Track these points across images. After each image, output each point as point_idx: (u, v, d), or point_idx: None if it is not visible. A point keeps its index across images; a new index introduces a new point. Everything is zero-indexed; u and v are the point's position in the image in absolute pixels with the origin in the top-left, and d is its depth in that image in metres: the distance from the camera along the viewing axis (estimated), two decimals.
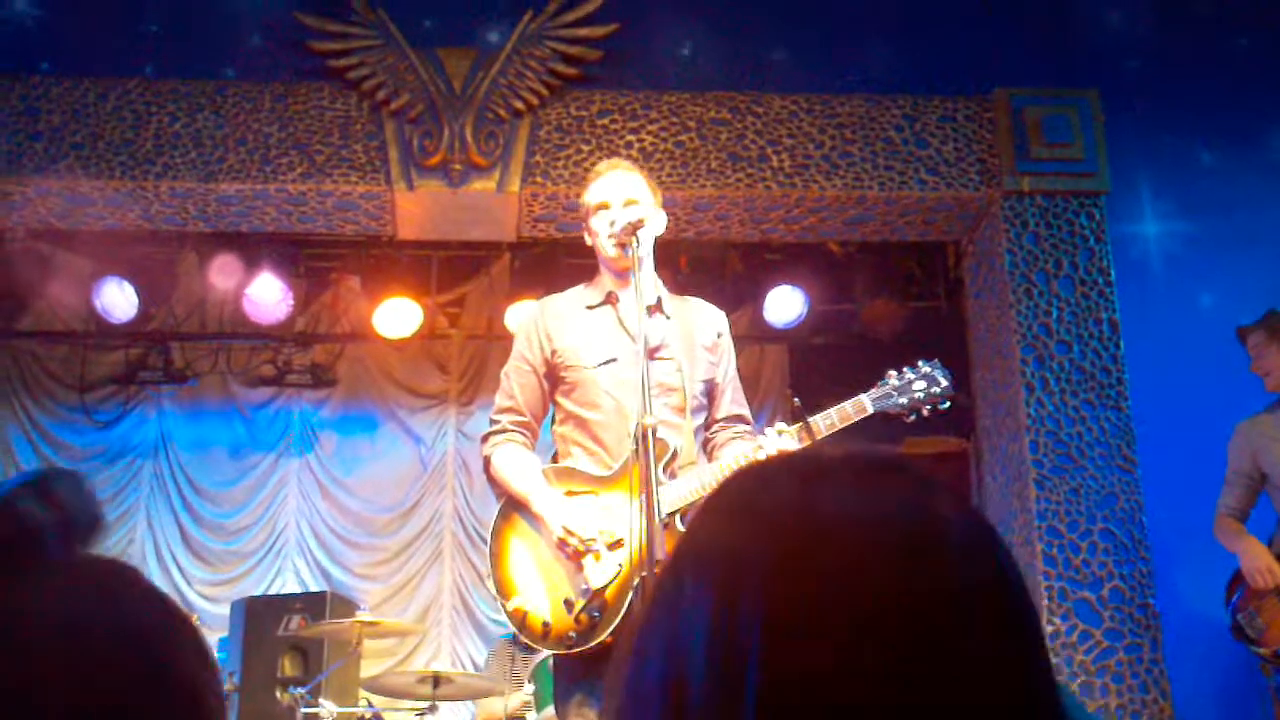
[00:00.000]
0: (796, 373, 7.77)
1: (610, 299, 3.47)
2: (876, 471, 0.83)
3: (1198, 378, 5.46)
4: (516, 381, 3.48)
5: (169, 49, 5.64)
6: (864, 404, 3.30)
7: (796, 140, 5.74)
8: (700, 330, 3.51)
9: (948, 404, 3.38)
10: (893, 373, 3.37)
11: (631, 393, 3.22)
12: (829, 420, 3.26)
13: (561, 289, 3.73)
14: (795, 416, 3.25)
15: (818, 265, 6.78)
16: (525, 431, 3.47)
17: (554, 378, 3.45)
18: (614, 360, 3.36)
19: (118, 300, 6.59)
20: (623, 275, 3.41)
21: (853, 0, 5.97)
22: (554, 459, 3.48)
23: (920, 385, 3.35)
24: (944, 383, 3.37)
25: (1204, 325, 5.62)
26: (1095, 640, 5.23)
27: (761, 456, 3.16)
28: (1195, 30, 6.11)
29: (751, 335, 7.31)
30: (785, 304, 6.80)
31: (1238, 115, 6.00)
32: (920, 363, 3.39)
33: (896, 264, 6.80)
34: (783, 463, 0.85)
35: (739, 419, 3.52)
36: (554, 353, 3.43)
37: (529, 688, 5.73)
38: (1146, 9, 6.11)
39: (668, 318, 3.46)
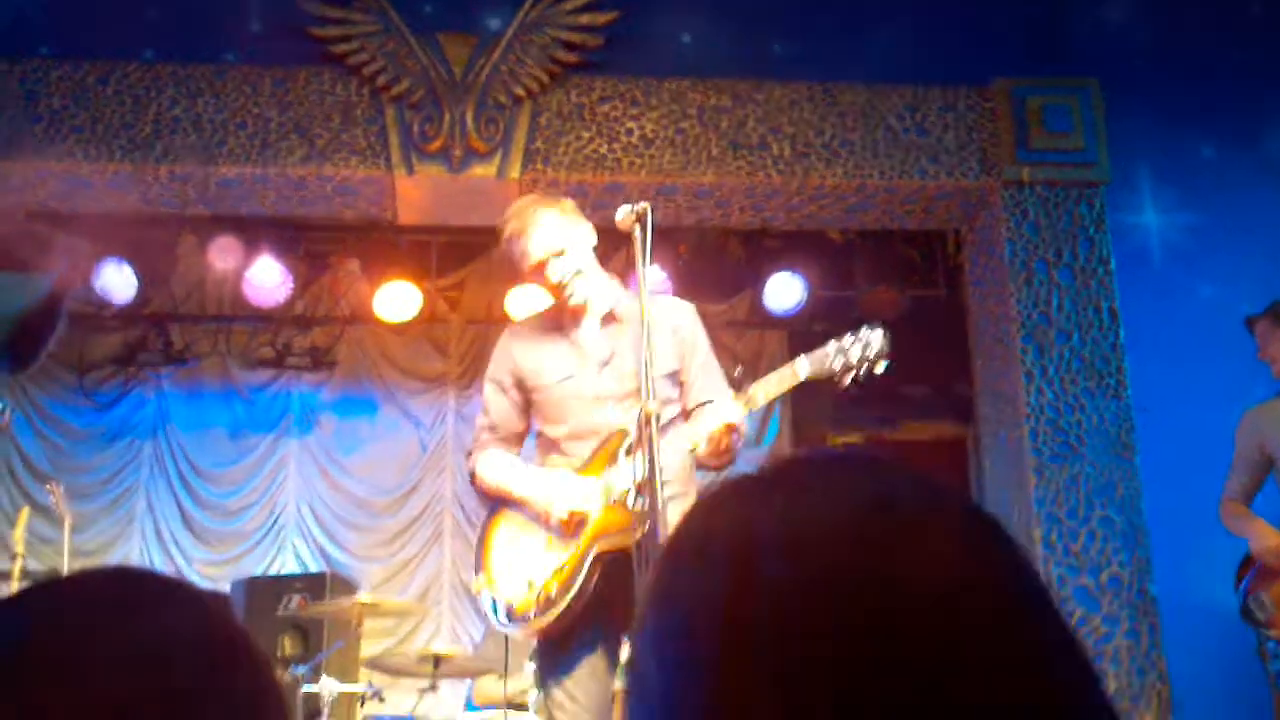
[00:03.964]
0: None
1: (565, 320, 3.57)
2: (824, 471, 0.74)
3: (1197, 366, 5.47)
4: (492, 403, 3.62)
5: (169, 33, 5.62)
6: (798, 367, 3.25)
7: (797, 128, 5.73)
8: (657, 328, 3.52)
9: (884, 365, 3.26)
10: (834, 340, 3.29)
11: (589, 407, 3.43)
12: (767, 387, 3.25)
13: None
14: (737, 386, 3.26)
15: (818, 252, 6.78)
16: (505, 444, 3.61)
17: (526, 398, 3.58)
18: (570, 378, 3.48)
19: (117, 282, 6.58)
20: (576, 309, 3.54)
21: None
22: None
23: (857, 348, 3.25)
24: (879, 344, 3.24)
25: (1203, 314, 5.63)
26: (1094, 626, 5.26)
27: (703, 430, 3.23)
28: (1196, 21, 6.10)
29: (751, 321, 7.31)
30: (785, 290, 6.81)
31: (1238, 106, 5.99)
32: (863, 327, 3.30)
33: (896, 252, 6.80)
34: (732, 484, 0.76)
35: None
36: (520, 374, 3.56)
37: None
38: None
39: (620, 322, 3.51)
